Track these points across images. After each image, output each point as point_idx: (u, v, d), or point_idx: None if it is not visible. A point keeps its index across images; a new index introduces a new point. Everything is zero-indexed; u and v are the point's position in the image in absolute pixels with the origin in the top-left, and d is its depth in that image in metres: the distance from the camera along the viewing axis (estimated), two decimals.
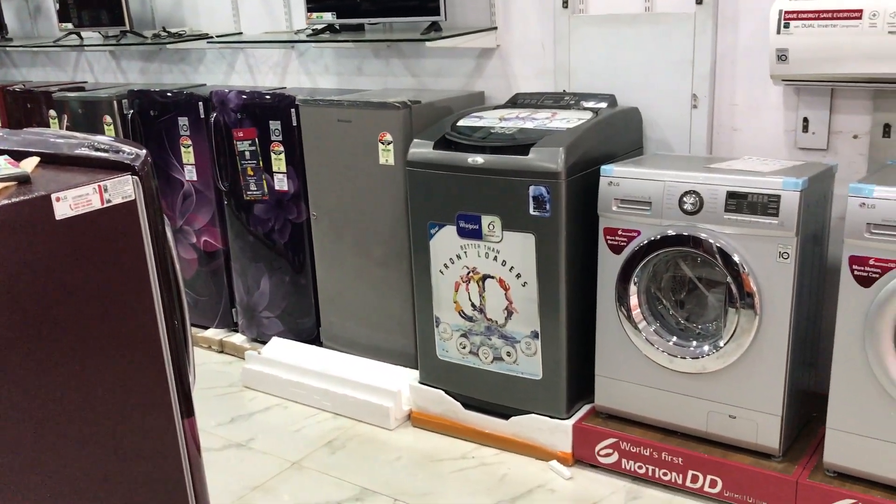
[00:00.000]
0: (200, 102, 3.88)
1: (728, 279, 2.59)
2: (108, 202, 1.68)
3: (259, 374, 3.71)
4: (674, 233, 2.66)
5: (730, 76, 3.08)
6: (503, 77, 3.62)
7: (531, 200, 2.82)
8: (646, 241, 2.72)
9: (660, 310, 2.85)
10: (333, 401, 3.47)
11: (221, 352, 4.13)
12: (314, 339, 3.83)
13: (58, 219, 1.60)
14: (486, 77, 3.67)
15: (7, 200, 1.53)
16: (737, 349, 2.62)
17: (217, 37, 4.34)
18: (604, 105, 3.16)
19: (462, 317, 3.10)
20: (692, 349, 2.73)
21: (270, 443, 3.28)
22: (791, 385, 2.62)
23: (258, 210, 3.80)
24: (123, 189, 1.70)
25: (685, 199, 2.63)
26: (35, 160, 1.74)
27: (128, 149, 1.76)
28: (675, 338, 2.78)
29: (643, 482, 2.87)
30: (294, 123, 3.57)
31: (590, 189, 2.83)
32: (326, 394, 3.48)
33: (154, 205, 1.76)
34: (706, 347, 2.70)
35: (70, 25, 4.88)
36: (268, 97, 3.65)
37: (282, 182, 3.69)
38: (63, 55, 5.41)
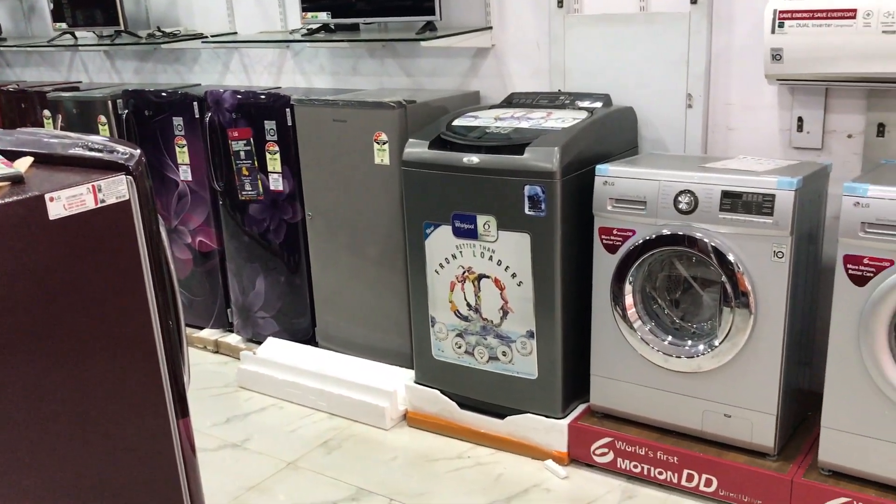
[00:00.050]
0: (195, 102, 3.87)
1: (723, 278, 2.60)
2: (103, 202, 1.67)
3: (254, 375, 3.71)
4: (669, 232, 2.67)
5: (724, 76, 3.08)
6: (498, 77, 3.62)
7: (526, 200, 2.82)
8: (641, 241, 2.72)
9: (655, 309, 2.85)
10: (329, 401, 3.47)
11: (217, 352, 4.12)
12: (310, 339, 3.82)
13: (51, 219, 1.59)
14: (482, 77, 3.67)
15: (0, 200, 1.52)
16: (732, 348, 2.62)
17: (212, 36, 4.34)
18: (599, 105, 3.16)
19: (457, 316, 3.10)
20: (687, 348, 2.73)
21: (266, 443, 3.28)
22: (786, 384, 2.62)
23: (253, 210, 3.80)
24: (117, 189, 1.70)
25: (680, 199, 2.63)
26: (29, 160, 1.74)
27: (122, 149, 1.75)
28: (671, 337, 2.79)
29: (638, 481, 2.87)
30: (289, 123, 3.56)
31: (585, 189, 2.83)
32: (322, 394, 3.48)
33: (148, 205, 1.76)
34: (701, 347, 2.71)
35: (64, 25, 4.87)
36: (263, 97, 3.64)
37: (277, 182, 3.68)
38: (57, 55, 5.40)
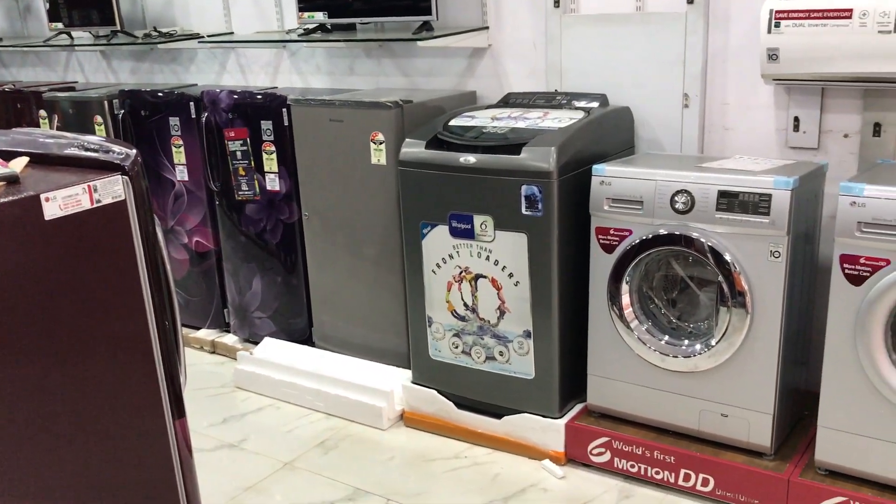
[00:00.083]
0: (192, 102, 3.86)
1: (719, 278, 2.60)
2: (98, 202, 1.67)
3: (251, 375, 3.70)
4: (665, 232, 2.67)
5: (721, 75, 3.08)
6: (495, 76, 3.62)
7: (523, 200, 2.82)
8: (637, 241, 2.72)
9: (652, 309, 2.85)
10: (326, 401, 3.46)
11: (213, 352, 4.12)
12: (306, 340, 3.82)
13: (47, 219, 1.59)
14: (478, 77, 3.67)
15: None
16: (728, 348, 2.62)
17: (208, 36, 4.33)
18: (595, 104, 3.16)
19: (454, 316, 3.10)
20: (684, 348, 2.74)
21: (263, 443, 3.28)
22: (782, 383, 2.62)
23: (250, 210, 3.79)
24: (113, 189, 1.70)
25: (677, 199, 2.63)
26: (24, 160, 1.73)
27: (118, 149, 1.75)
28: (667, 337, 2.79)
29: (635, 481, 2.87)
30: (286, 123, 3.56)
31: (581, 188, 2.83)
32: (319, 394, 3.48)
33: (144, 205, 1.76)
34: (698, 346, 2.71)
35: (60, 25, 4.86)
36: (259, 97, 3.64)
37: (273, 182, 3.68)
38: (53, 55, 5.39)
